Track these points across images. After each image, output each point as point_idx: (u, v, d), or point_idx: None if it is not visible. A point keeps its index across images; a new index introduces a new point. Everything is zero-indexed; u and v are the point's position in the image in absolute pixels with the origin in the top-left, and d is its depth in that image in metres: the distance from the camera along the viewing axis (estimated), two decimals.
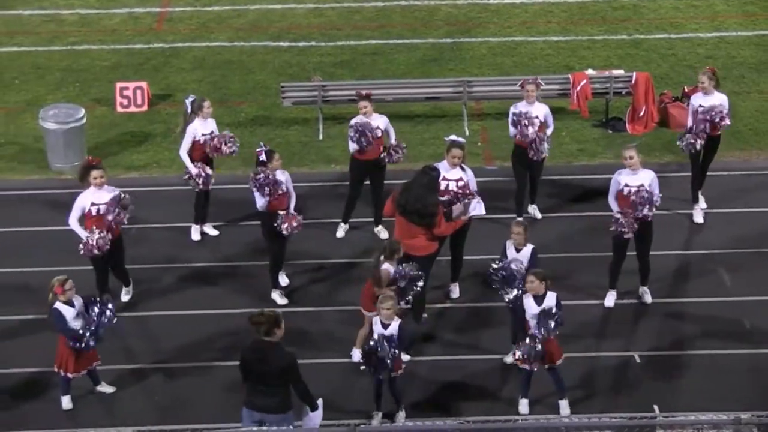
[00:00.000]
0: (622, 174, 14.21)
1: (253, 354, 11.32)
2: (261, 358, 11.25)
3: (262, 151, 14.26)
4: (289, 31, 21.93)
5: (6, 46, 21.32)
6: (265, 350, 11.27)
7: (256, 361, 11.27)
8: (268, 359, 11.22)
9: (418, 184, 13.77)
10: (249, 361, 11.33)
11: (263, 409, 11.27)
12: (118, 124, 18.95)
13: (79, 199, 13.96)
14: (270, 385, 11.25)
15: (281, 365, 11.21)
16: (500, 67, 20.49)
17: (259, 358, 11.26)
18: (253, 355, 11.32)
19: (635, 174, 14.12)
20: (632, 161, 14.09)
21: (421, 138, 18.50)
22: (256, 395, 11.32)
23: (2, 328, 14.18)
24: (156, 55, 21.04)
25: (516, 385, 13.19)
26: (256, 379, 11.30)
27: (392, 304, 12.37)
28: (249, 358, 11.34)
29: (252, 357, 11.31)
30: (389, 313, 12.35)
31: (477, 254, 14.87)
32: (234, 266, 15.41)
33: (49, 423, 12.53)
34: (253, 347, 11.37)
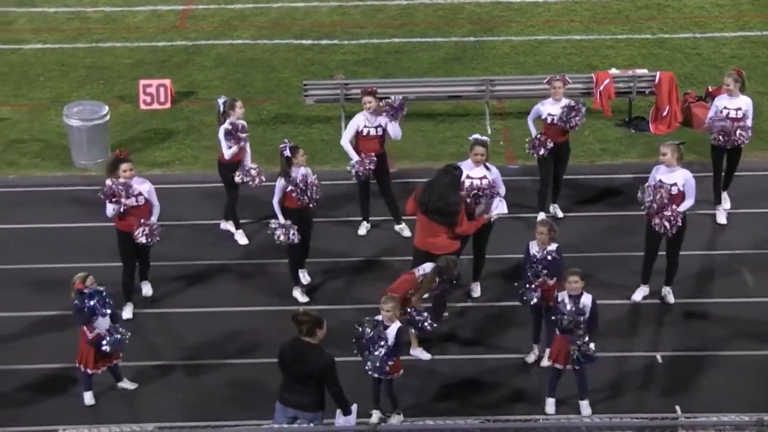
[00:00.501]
0: (660, 170, 14.19)
1: (292, 353, 11.35)
2: (299, 357, 11.28)
3: (287, 147, 14.28)
4: (312, 29, 21.95)
5: (31, 43, 21.42)
6: (305, 350, 11.30)
7: (293, 360, 11.31)
8: (306, 359, 11.26)
9: (441, 182, 13.76)
10: (287, 359, 11.37)
11: (297, 406, 11.31)
12: (141, 122, 19.01)
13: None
14: (306, 384, 11.28)
15: (319, 366, 11.24)
16: (523, 66, 20.45)
17: (297, 357, 11.29)
18: (291, 353, 11.35)
19: (671, 172, 14.07)
20: (663, 158, 14.07)
21: (443, 137, 18.49)
22: (291, 392, 11.36)
23: (25, 324, 14.24)
24: (179, 53, 21.10)
25: (537, 384, 13.18)
26: (293, 377, 11.34)
27: (393, 306, 12.31)
28: (287, 357, 11.37)
29: (290, 356, 11.34)
30: (390, 315, 12.31)
31: (499, 253, 14.86)
32: (257, 264, 15.43)
33: (71, 418, 12.57)
34: (292, 346, 11.40)
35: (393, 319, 12.31)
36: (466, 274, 14.71)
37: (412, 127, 18.62)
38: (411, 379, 13.38)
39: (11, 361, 13.63)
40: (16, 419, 12.63)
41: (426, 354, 13.69)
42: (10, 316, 14.34)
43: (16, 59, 20.89)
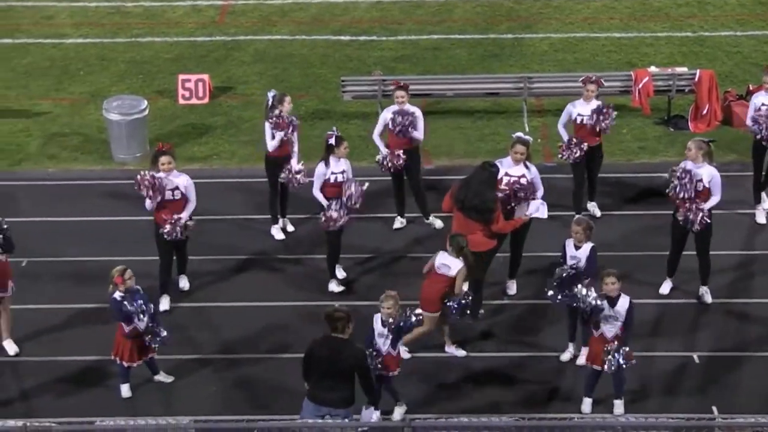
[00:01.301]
0: (688, 164, 14.12)
1: (325, 350, 11.38)
2: (333, 354, 11.32)
3: (333, 135, 14.31)
4: (350, 25, 21.98)
5: (72, 38, 21.59)
6: (338, 347, 11.34)
7: (327, 357, 11.34)
8: (340, 356, 11.30)
9: (477, 180, 13.74)
10: (319, 357, 11.39)
11: (329, 403, 11.35)
12: (179, 116, 19.11)
13: None
14: (339, 380, 11.32)
15: (354, 362, 11.32)
16: (561, 63, 20.37)
17: (331, 354, 11.33)
18: (324, 351, 11.38)
19: (697, 168, 14.00)
20: (688, 153, 14.04)
21: (481, 134, 18.45)
22: (322, 390, 11.38)
23: (64, 316, 14.36)
24: (218, 48, 21.19)
25: (572, 383, 13.14)
26: (325, 374, 11.36)
27: (393, 303, 12.31)
28: (319, 354, 11.39)
29: (323, 353, 11.37)
30: (390, 313, 12.31)
31: (536, 251, 14.82)
32: (293, 258, 15.48)
33: (108, 411, 12.65)
34: (324, 343, 11.43)
35: (393, 315, 12.31)
36: (502, 271, 14.69)
37: (449, 124, 18.62)
38: (446, 376, 13.39)
39: (50, 353, 13.74)
40: (54, 410, 12.73)
41: (461, 351, 13.69)
42: (49, 308, 14.47)
43: (57, 54, 21.06)
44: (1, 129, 18.71)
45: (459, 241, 13.15)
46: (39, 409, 12.85)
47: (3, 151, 18.10)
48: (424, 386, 13.22)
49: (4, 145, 18.25)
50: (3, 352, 13.64)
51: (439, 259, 13.23)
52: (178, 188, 14.03)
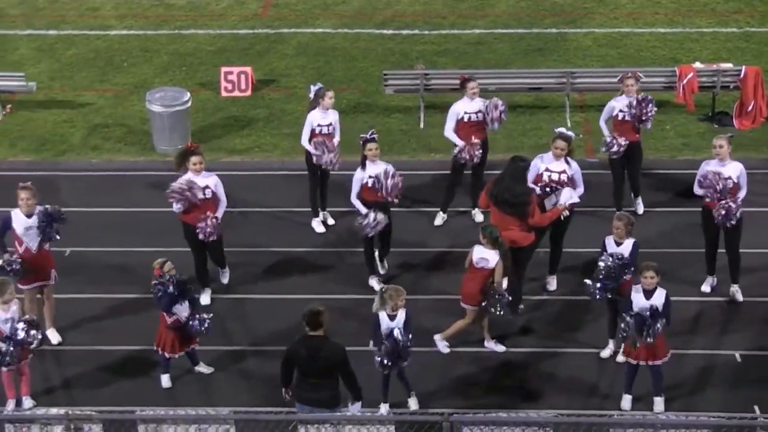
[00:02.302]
0: (710, 164, 14.02)
1: (304, 350, 11.35)
2: (314, 353, 11.30)
3: (362, 138, 14.30)
4: (393, 18, 21.97)
5: (116, 29, 21.73)
6: (317, 345, 11.33)
7: (308, 357, 11.32)
8: (321, 354, 11.29)
9: (508, 174, 13.74)
10: (300, 357, 11.36)
11: (316, 403, 11.33)
12: (221, 109, 19.19)
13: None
14: (322, 379, 11.30)
15: (335, 359, 11.30)
16: (605, 58, 20.26)
17: (312, 353, 11.31)
18: (303, 351, 11.35)
19: (723, 165, 13.91)
20: (720, 150, 13.94)
21: (523, 129, 18.39)
22: (309, 390, 11.35)
23: (106, 306, 14.47)
24: (261, 41, 21.26)
25: (611, 380, 13.07)
26: (309, 374, 11.35)
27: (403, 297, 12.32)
28: (301, 354, 11.37)
29: (304, 353, 11.34)
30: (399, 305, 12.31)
31: (576, 247, 14.75)
32: (333, 252, 15.50)
33: (148, 400, 12.74)
34: (303, 343, 11.41)
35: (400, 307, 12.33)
36: (542, 266, 14.64)
37: None
38: (485, 371, 13.36)
39: (91, 342, 13.86)
40: (95, 399, 12.83)
41: (501, 346, 13.66)
42: (91, 298, 14.58)
43: (102, 45, 21.21)
44: (46, 120, 18.87)
45: (491, 231, 13.16)
46: (80, 397, 12.96)
47: (47, 141, 18.26)
48: (463, 380, 13.21)
49: (49, 136, 18.41)
50: (46, 340, 13.76)
51: (476, 253, 13.22)
52: (209, 187, 14.04)
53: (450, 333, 13.34)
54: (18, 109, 19.11)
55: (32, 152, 17.98)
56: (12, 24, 21.94)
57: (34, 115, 19.01)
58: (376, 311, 12.42)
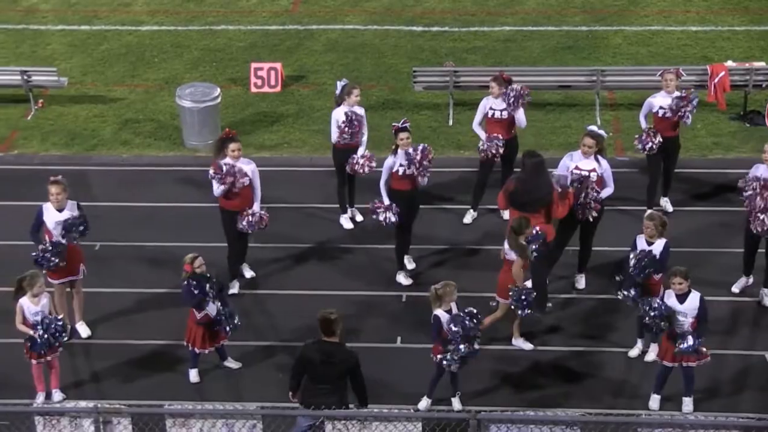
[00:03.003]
0: (760, 168, 13.90)
1: (318, 354, 11.35)
2: (327, 358, 11.30)
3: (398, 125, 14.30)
4: (422, 15, 21.95)
5: (147, 25, 21.82)
6: (331, 350, 11.34)
7: (321, 361, 11.32)
8: (335, 359, 11.28)
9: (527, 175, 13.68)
10: (314, 362, 11.36)
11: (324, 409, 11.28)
12: (251, 104, 19.24)
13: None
14: (333, 384, 11.29)
15: (349, 365, 11.29)
16: (635, 56, 20.17)
17: (326, 358, 11.31)
18: (317, 355, 11.36)
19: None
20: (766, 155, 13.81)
21: (552, 126, 18.34)
22: (317, 395, 11.30)
23: (135, 300, 14.54)
24: (290, 37, 21.29)
25: (640, 379, 13.03)
26: (320, 380, 11.33)
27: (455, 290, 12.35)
28: (314, 359, 11.37)
29: (317, 357, 11.35)
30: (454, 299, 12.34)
31: (606, 245, 14.70)
32: (361, 248, 15.51)
33: (176, 395, 12.80)
34: (317, 348, 11.42)
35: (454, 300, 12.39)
36: (571, 265, 14.60)
37: None
38: (512, 369, 13.35)
39: (120, 336, 13.93)
40: (124, 393, 12.90)
41: (528, 344, 13.64)
42: (120, 292, 14.65)
43: (133, 40, 21.30)
44: (77, 114, 18.98)
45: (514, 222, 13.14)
46: (109, 391, 13.03)
47: (78, 136, 18.37)
48: (490, 378, 13.20)
49: (80, 130, 18.52)
50: (76, 334, 13.85)
51: (506, 246, 13.22)
52: (247, 174, 14.11)
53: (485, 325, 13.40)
54: (50, 103, 19.23)
55: (63, 147, 18.09)
56: (44, 19, 22.07)
57: (66, 109, 19.12)
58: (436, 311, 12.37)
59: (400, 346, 13.70)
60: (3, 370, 13.18)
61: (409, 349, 13.48)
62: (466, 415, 10.37)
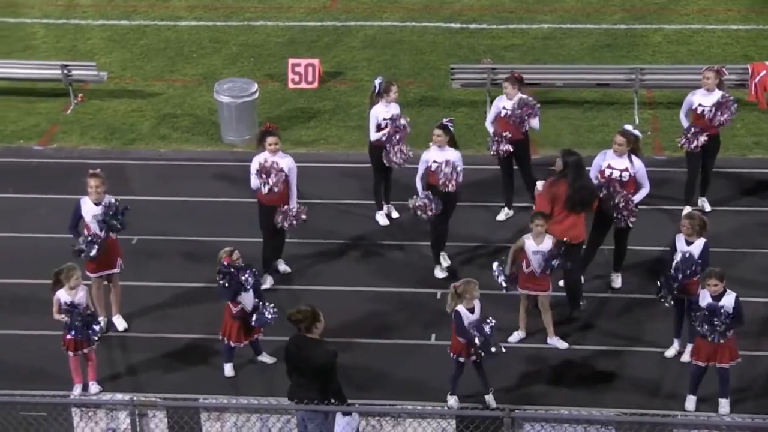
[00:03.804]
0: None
1: (295, 348, 11.33)
2: (301, 353, 11.25)
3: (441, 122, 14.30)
4: (461, 12, 21.91)
5: (186, 20, 21.93)
6: (307, 346, 11.27)
7: (295, 355, 11.29)
8: (308, 355, 11.22)
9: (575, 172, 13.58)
10: (290, 354, 11.36)
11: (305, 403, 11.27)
12: (288, 100, 19.28)
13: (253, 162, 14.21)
14: (310, 380, 11.23)
15: (320, 362, 11.19)
16: (675, 55, 20.04)
17: (299, 353, 11.26)
18: (294, 349, 11.34)
19: None
20: None
21: (590, 125, 18.26)
22: (298, 389, 11.28)
23: (171, 294, 14.61)
24: (328, 33, 21.32)
25: (675, 380, 12.94)
26: (297, 373, 11.31)
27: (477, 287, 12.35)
28: (291, 352, 11.36)
29: (293, 351, 11.33)
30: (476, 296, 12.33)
31: (642, 244, 14.62)
32: (396, 244, 15.50)
33: (211, 388, 12.86)
34: (295, 341, 11.39)
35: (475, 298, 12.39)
36: (607, 264, 14.53)
37: (557, 114, 18.44)
38: (547, 367, 13.30)
39: (157, 330, 14.00)
40: (159, 386, 12.97)
41: (563, 343, 13.59)
42: (157, 286, 14.73)
43: (172, 36, 21.41)
44: (116, 109, 19.10)
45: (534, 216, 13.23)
46: (145, 384, 13.11)
47: (117, 130, 18.48)
48: (525, 377, 13.16)
49: (119, 125, 18.64)
50: (113, 327, 13.95)
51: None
52: (283, 170, 14.15)
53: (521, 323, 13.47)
54: (89, 98, 19.37)
55: (102, 141, 18.21)
56: (85, 14, 22.23)
57: (105, 104, 19.25)
58: (452, 309, 12.38)
59: (434, 343, 13.69)
60: (41, 362, 13.29)
61: (444, 346, 13.43)
62: (500, 413, 10.35)
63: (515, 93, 15.36)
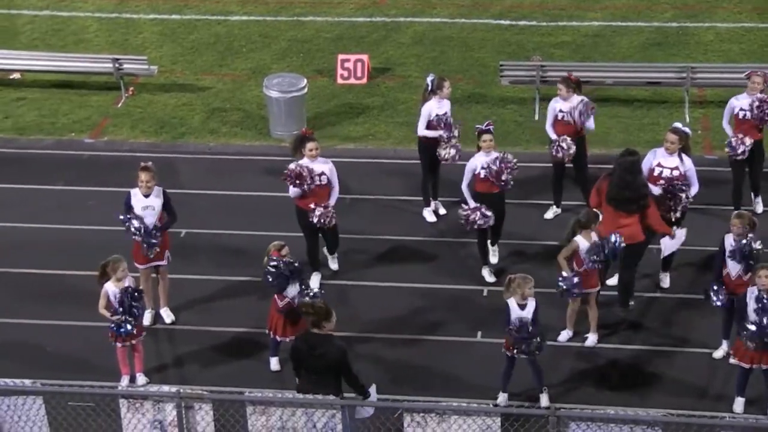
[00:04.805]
0: None
1: (305, 345, 11.31)
2: (312, 350, 11.22)
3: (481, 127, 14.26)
4: (510, 9, 21.84)
5: (236, 15, 22.03)
6: (316, 342, 11.25)
7: (307, 352, 11.27)
8: (318, 351, 11.19)
9: (622, 171, 13.49)
10: (301, 351, 11.33)
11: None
12: (337, 96, 19.31)
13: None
14: (321, 377, 11.21)
15: (332, 358, 11.16)
16: (727, 54, 19.85)
17: (310, 349, 11.24)
18: (304, 346, 11.32)
19: None
20: None
21: (640, 123, 18.14)
22: (308, 386, 11.24)
23: (218, 287, 14.70)
24: (377, 29, 21.33)
25: (724, 381, 12.83)
26: (310, 369, 11.28)
27: (531, 286, 12.26)
28: (301, 349, 11.34)
29: (304, 348, 11.31)
30: (529, 294, 12.25)
31: (691, 245, 14.50)
32: (443, 242, 15.49)
33: (256, 382, 12.90)
34: (304, 338, 11.39)
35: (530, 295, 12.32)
36: (656, 264, 14.43)
37: (608, 113, 18.33)
38: (593, 366, 13.24)
39: (203, 322, 14.09)
40: (205, 378, 13.05)
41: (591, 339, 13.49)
42: (204, 279, 14.82)
43: (222, 30, 21.53)
44: (166, 102, 19.24)
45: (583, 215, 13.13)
46: (191, 376, 13.20)
47: (167, 124, 18.61)
48: (571, 376, 13.10)
49: (169, 119, 18.77)
50: (160, 319, 14.05)
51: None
52: (324, 174, 14.13)
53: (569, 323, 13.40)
54: (140, 91, 19.53)
55: (152, 134, 18.35)
56: (137, 8, 22.41)
57: (155, 97, 19.39)
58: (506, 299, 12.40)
59: (480, 340, 13.67)
60: (89, 353, 13.42)
61: (490, 344, 13.43)
62: (546, 411, 10.31)
63: (569, 95, 15.25)
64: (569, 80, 15.35)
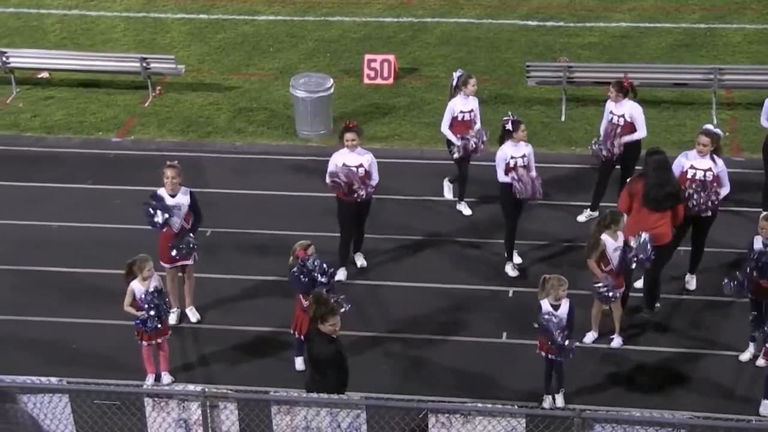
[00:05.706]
0: None
1: (308, 341, 11.44)
2: (313, 346, 11.32)
3: (509, 120, 14.28)
4: (538, 10, 21.79)
5: (264, 15, 22.08)
6: (313, 336, 11.35)
7: (308, 348, 11.41)
8: (311, 345, 11.31)
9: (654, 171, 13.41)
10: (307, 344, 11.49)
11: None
12: (363, 96, 19.32)
13: (332, 158, 14.28)
14: (316, 371, 11.30)
15: (323, 357, 11.21)
16: (755, 55, 19.73)
17: (312, 346, 11.34)
18: (308, 342, 11.44)
19: None
20: None
21: (667, 125, 18.05)
22: (311, 379, 11.37)
23: (244, 287, 14.73)
24: (404, 29, 21.32)
25: (750, 384, 12.76)
26: (310, 363, 11.43)
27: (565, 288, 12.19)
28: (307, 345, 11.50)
29: (308, 344, 11.44)
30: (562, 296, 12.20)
31: (719, 246, 14.43)
32: (468, 241, 15.47)
33: (281, 382, 12.92)
34: (307, 333, 11.55)
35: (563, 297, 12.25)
36: (683, 265, 14.37)
37: None
38: (619, 368, 13.19)
39: (228, 322, 14.12)
40: (230, 378, 13.08)
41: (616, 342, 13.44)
42: (230, 278, 14.86)
43: (249, 30, 21.58)
44: (193, 102, 19.30)
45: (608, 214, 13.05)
46: (216, 375, 13.23)
47: (194, 123, 18.67)
48: (596, 377, 13.06)
49: (195, 118, 18.83)
50: (186, 318, 14.10)
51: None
52: (362, 165, 14.18)
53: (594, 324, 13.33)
54: (167, 91, 19.60)
55: (179, 133, 18.41)
56: (164, 8, 22.50)
57: (182, 97, 19.46)
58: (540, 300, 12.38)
59: (505, 341, 13.64)
60: (115, 352, 13.47)
61: (515, 344, 13.41)
62: (571, 413, 10.28)
63: (620, 99, 15.16)
64: (620, 85, 15.28)
